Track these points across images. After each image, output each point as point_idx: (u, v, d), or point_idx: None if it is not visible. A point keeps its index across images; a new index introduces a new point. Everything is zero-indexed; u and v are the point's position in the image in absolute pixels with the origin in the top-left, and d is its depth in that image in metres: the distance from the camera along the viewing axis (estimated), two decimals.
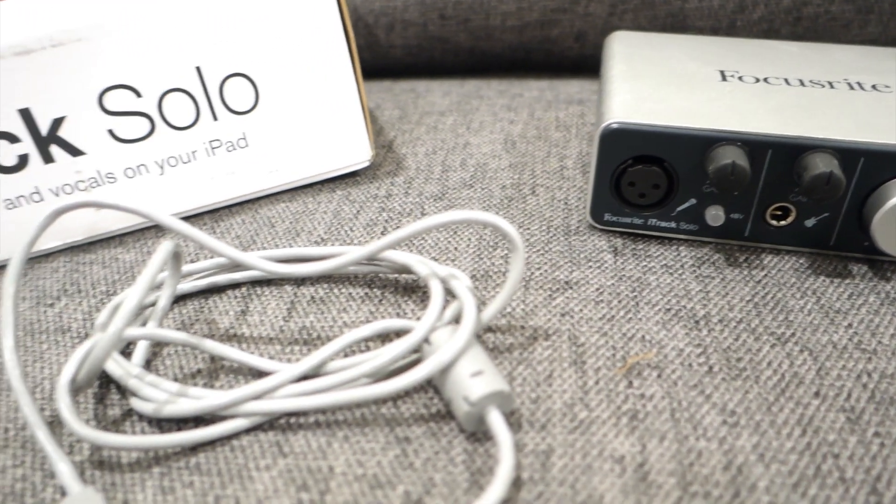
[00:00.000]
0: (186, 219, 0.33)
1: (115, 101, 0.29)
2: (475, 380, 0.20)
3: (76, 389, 0.22)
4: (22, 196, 0.30)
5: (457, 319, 0.24)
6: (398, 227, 0.31)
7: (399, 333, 0.24)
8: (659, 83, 0.30)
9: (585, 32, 0.46)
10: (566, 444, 0.21)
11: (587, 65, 0.48)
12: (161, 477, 0.21)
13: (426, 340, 0.22)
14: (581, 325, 0.25)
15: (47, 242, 0.31)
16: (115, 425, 0.22)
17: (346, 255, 0.23)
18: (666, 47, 0.34)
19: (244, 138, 0.32)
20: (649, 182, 0.28)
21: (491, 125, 0.39)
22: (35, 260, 0.31)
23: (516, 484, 0.19)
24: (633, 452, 0.20)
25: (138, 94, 0.30)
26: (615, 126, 0.28)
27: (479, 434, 0.21)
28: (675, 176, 0.28)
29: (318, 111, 0.32)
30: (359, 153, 0.34)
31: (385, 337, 0.25)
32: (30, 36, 0.27)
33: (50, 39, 0.28)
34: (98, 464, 0.21)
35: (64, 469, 0.20)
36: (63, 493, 0.21)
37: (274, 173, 0.33)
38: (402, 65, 0.50)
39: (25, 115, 0.28)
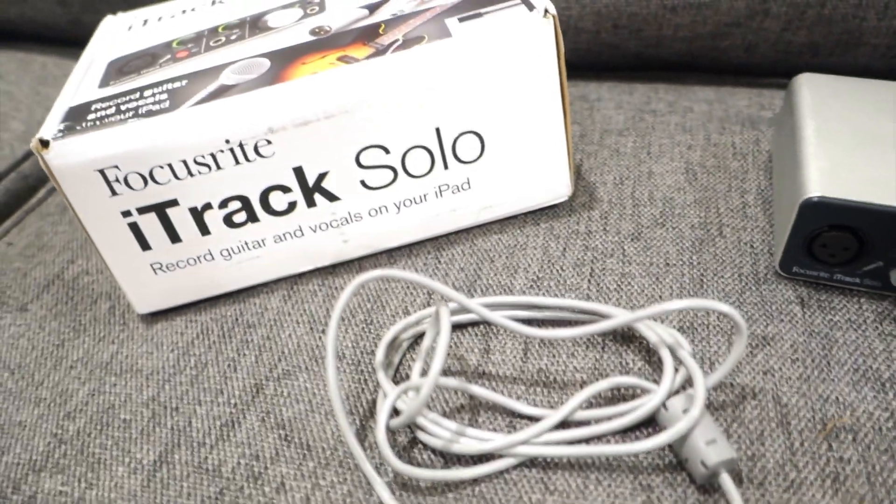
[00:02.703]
0: (409, 247, 0.38)
1: (369, 157, 0.34)
2: (710, 447, 0.26)
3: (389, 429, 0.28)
4: (288, 232, 0.36)
5: (684, 385, 0.28)
6: (604, 268, 0.35)
7: (628, 387, 0.30)
8: (853, 147, 0.33)
9: (756, 45, 0.47)
10: (782, 501, 0.26)
11: (752, 71, 0.50)
12: (455, 501, 0.27)
13: (663, 406, 0.27)
14: (782, 384, 0.29)
15: (301, 266, 0.37)
16: (405, 451, 0.29)
17: (603, 322, 0.28)
18: (855, 98, 0.37)
19: (467, 182, 0.37)
20: (840, 245, 0.32)
21: (670, 150, 0.42)
22: (293, 280, 0.37)
23: None
24: None
25: (387, 152, 0.34)
26: (815, 199, 0.31)
27: (706, 486, 0.26)
28: (866, 241, 0.31)
29: (530, 155, 0.37)
30: (561, 190, 0.38)
31: (615, 387, 0.30)
32: (309, 110, 0.32)
33: (324, 112, 0.32)
34: (401, 485, 0.28)
35: (384, 492, 0.27)
36: None
37: (487, 209, 0.38)
38: (568, 64, 0.53)
39: (298, 171, 0.34)
